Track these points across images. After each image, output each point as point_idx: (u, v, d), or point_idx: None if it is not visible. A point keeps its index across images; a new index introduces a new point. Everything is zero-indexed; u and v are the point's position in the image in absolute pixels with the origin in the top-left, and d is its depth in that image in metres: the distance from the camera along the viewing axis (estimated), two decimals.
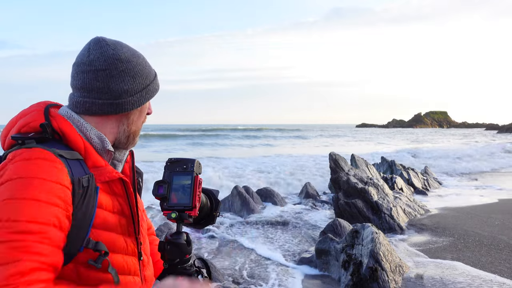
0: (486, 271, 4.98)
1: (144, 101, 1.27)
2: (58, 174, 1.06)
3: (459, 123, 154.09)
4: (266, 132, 58.87)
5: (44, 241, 0.99)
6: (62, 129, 1.16)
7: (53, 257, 1.01)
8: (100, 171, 1.17)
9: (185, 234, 1.21)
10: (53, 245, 1.01)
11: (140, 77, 1.25)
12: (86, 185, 1.11)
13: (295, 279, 4.98)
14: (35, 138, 1.12)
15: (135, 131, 1.30)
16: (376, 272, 4.63)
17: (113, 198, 1.20)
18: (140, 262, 1.25)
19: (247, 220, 8.09)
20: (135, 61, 1.25)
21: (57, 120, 1.17)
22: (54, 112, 1.20)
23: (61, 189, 1.05)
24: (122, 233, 1.20)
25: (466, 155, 19.11)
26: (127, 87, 1.22)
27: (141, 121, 1.32)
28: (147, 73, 1.28)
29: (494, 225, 7.19)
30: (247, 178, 12.35)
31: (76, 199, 1.08)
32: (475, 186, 11.81)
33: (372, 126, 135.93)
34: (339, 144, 37.44)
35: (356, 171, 9.11)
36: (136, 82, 1.24)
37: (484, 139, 41.01)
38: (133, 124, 1.29)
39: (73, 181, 1.09)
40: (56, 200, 1.03)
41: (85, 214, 1.09)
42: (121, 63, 1.21)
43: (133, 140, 1.31)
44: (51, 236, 1.01)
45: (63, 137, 1.16)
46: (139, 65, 1.25)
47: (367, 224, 5.46)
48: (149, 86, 1.28)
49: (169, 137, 41.13)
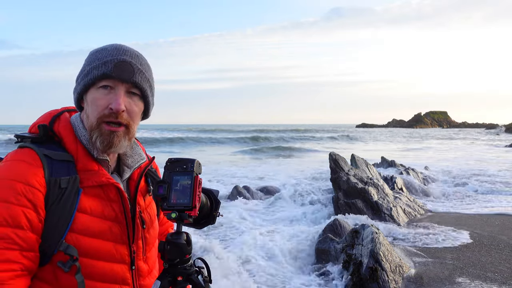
0: (486, 271, 4.98)
1: (79, 86, 1.21)
2: (30, 176, 1.08)
3: (459, 123, 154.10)
4: (294, 134, 53.80)
5: (13, 246, 1.02)
6: (60, 132, 1.19)
7: (25, 260, 1.03)
8: (90, 175, 1.16)
9: (185, 234, 1.20)
10: (24, 249, 1.03)
11: (89, 62, 1.21)
12: (65, 186, 1.11)
13: (295, 279, 4.98)
14: (31, 138, 1.17)
15: (90, 126, 1.19)
16: (376, 272, 4.63)
17: (106, 204, 1.18)
18: (132, 271, 1.21)
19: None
20: (102, 48, 1.23)
21: (59, 124, 1.21)
22: (64, 116, 1.24)
23: (30, 191, 1.07)
24: (113, 240, 1.17)
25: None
26: (79, 72, 1.24)
27: (95, 114, 1.18)
28: (98, 57, 1.20)
29: (494, 225, 7.19)
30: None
31: (50, 200, 1.09)
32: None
33: (372, 126, 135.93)
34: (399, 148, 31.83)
35: (356, 171, 9.11)
36: (84, 65, 1.23)
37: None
38: (88, 117, 1.20)
39: (49, 182, 1.10)
40: (26, 201, 1.06)
41: (61, 216, 1.10)
42: (91, 51, 1.24)
43: (96, 140, 1.17)
44: (20, 240, 1.03)
45: (60, 140, 1.19)
46: (100, 51, 1.22)
47: (367, 224, 5.46)
48: (92, 68, 1.19)
49: (219, 142, 36.90)
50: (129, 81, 1.19)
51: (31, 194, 1.07)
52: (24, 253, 1.04)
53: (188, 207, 1.17)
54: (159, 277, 1.20)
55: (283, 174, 13.77)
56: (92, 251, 1.13)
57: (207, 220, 1.35)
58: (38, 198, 1.08)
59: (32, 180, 1.08)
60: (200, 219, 1.31)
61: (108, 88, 1.18)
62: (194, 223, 1.26)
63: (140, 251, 1.25)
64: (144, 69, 1.24)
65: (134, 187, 1.30)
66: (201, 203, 1.24)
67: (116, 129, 1.19)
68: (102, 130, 1.18)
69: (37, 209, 1.07)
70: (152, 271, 1.31)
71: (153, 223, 1.33)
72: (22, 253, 1.03)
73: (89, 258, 1.12)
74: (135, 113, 1.23)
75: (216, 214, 1.36)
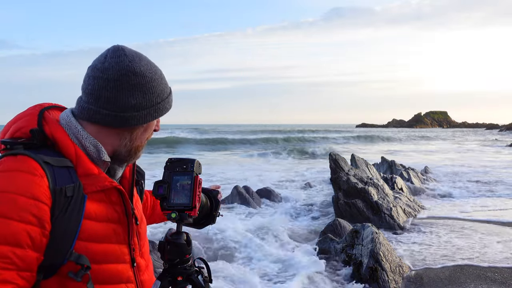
0: (486, 271, 4.98)
1: (150, 119, 1.20)
2: (35, 189, 1.02)
3: (459, 123, 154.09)
4: (311, 134, 50.83)
5: (9, 266, 0.97)
6: (54, 135, 1.12)
7: (20, 281, 0.99)
8: (92, 179, 1.13)
9: (185, 234, 1.21)
10: (21, 269, 0.99)
11: (151, 94, 1.19)
12: (71, 194, 1.07)
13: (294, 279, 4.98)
14: (23, 144, 1.09)
15: (138, 147, 1.24)
16: (376, 272, 4.63)
17: (109, 207, 1.16)
18: (134, 268, 1.22)
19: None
20: (149, 76, 1.18)
21: (50, 126, 1.13)
22: (49, 116, 1.16)
23: (35, 206, 1.01)
24: (117, 241, 1.16)
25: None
26: (135, 101, 1.15)
27: (146, 137, 1.26)
28: (160, 91, 1.21)
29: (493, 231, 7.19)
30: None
31: (56, 211, 1.05)
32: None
33: (372, 126, 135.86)
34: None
35: (356, 171, 9.11)
36: (146, 98, 1.18)
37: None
38: (137, 139, 1.23)
39: (54, 191, 1.05)
40: (30, 217, 1.00)
41: (68, 226, 1.06)
42: (135, 77, 1.15)
43: (135, 155, 1.25)
44: (18, 259, 0.98)
45: (55, 144, 1.12)
46: (153, 81, 1.19)
47: (367, 224, 5.46)
48: (159, 104, 1.21)
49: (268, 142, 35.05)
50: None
51: (36, 209, 1.01)
52: (21, 273, 0.99)
53: (188, 207, 1.17)
54: (159, 277, 1.20)
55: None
56: (100, 256, 1.11)
57: (207, 220, 1.35)
58: (44, 212, 1.02)
59: (37, 193, 1.02)
60: (200, 219, 1.32)
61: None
62: (194, 223, 1.26)
63: (137, 247, 1.24)
64: None
65: (128, 185, 1.30)
66: (201, 203, 1.24)
67: None
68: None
69: (42, 224, 1.02)
70: (148, 265, 1.31)
71: (142, 218, 1.33)
72: (19, 273, 0.99)
73: (98, 264, 1.10)
74: None
75: (216, 214, 1.36)
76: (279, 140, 38.91)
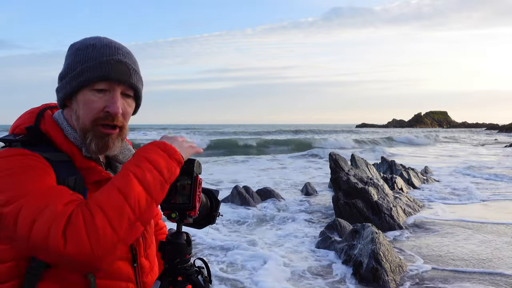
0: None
1: (69, 88, 1.15)
2: (44, 167, 1.06)
3: (459, 123, 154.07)
4: (314, 135, 48.81)
5: (62, 190, 1.04)
6: (49, 132, 1.15)
7: (74, 195, 1.05)
8: (90, 171, 1.15)
9: (185, 234, 1.21)
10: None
11: (72, 62, 1.16)
12: (72, 186, 1.09)
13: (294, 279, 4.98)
14: (21, 140, 1.11)
15: (83, 128, 1.15)
16: (376, 272, 4.63)
17: None
18: (135, 268, 1.20)
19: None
20: (82, 46, 1.17)
21: (46, 123, 1.16)
22: (48, 115, 1.19)
23: (49, 176, 1.05)
24: None
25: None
26: (61, 71, 1.19)
27: (89, 116, 1.14)
28: (85, 57, 1.15)
29: (495, 229, 7.19)
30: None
31: None
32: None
33: (372, 126, 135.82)
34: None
35: (356, 171, 9.11)
36: (68, 66, 1.16)
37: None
38: (79, 119, 1.16)
39: (58, 181, 1.07)
40: (51, 180, 1.05)
41: None
42: (70, 48, 1.20)
43: (85, 141, 1.15)
44: (63, 188, 1.04)
45: (51, 140, 1.15)
46: (83, 50, 1.16)
47: (367, 224, 5.46)
48: (77, 70, 1.14)
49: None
50: (126, 83, 1.17)
51: (52, 178, 1.06)
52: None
53: (188, 207, 1.17)
54: (159, 277, 1.20)
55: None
56: None
57: (207, 220, 1.35)
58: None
59: (47, 170, 1.06)
60: (200, 219, 1.32)
61: (104, 90, 1.15)
62: (194, 223, 1.26)
63: (141, 248, 1.24)
64: (137, 67, 1.23)
65: None
66: (201, 203, 1.24)
67: (111, 131, 1.17)
68: (97, 132, 1.15)
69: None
70: (153, 268, 1.30)
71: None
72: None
73: None
74: (129, 115, 1.22)
75: (216, 214, 1.36)
76: (279, 140, 38.60)
